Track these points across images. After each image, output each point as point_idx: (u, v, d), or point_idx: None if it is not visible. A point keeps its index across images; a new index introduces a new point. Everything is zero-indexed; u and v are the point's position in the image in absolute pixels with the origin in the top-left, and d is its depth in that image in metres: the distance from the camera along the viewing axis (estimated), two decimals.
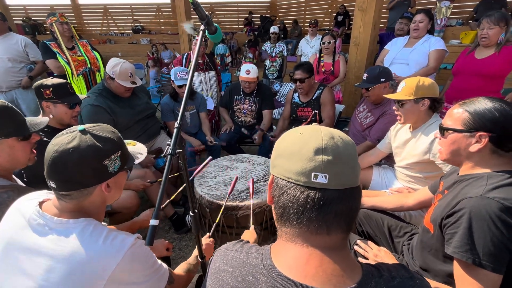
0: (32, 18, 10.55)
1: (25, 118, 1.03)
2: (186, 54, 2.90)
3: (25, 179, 1.28)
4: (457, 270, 0.79)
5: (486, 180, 0.80)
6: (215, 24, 1.02)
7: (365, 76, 2.03)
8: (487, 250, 0.72)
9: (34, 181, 1.19)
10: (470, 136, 0.83)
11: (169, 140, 0.77)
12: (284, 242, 0.49)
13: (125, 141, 0.85)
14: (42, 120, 1.08)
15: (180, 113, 0.79)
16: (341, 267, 0.45)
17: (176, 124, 0.76)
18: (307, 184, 0.45)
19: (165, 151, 0.76)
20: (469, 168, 0.88)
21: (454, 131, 0.86)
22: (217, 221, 1.39)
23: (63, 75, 2.50)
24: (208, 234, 1.27)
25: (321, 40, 3.12)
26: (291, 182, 0.47)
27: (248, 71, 2.49)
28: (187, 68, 2.75)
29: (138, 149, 0.93)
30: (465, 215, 0.77)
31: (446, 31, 6.62)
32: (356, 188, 0.47)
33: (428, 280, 0.67)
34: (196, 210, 0.89)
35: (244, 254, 0.53)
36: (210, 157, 1.56)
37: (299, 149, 0.47)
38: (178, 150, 0.73)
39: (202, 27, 0.95)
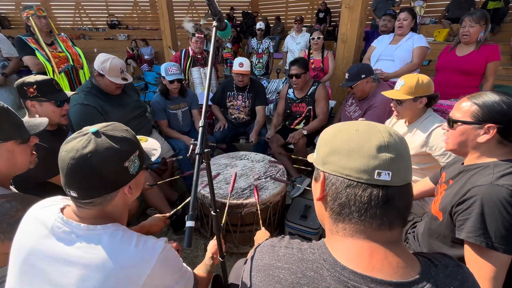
0: None
1: (22, 119, 0.95)
2: (184, 50, 2.86)
3: (12, 185, 1.18)
4: (469, 253, 0.85)
5: (493, 169, 0.86)
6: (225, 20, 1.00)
7: (347, 75, 2.15)
8: (498, 233, 0.78)
9: (23, 188, 1.10)
10: (479, 127, 0.89)
11: (192, 140, 0.76)
12: (341, 237, 0.50)
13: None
14: (41, 121, 1.00)
15: (203, 112, 0.77)
16: (403, 259, 0.46)
17: (201, 123, 0.74)
18: (370, 182, 0.45)
19: (190, 150, 0.74)
20: (474, 158, 0.94)
21: (464, 123, 0.91)
22: (223, 220, 1.38)
23: (42, 73, 2.33)
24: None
25: (311, 36, 3.17)
26: (351, 180, 0.47)
27: (241, 64, 2.47)
28: (187, 65, 2.70)
29: (151, 145, 0.89)
30: (477, 202, 0.82)
31: (420, 29, 6.95)
32: (410, 183, 0.49)
33: None
34: (218, 210, 0.88)
35: (297, 250, 0.53)
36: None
37: (359, 146, 0.47)
38: (206, 150, 0.71)
39: (214, 23, 0.94)
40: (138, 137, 0.87)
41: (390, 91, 1.55)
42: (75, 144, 0.62)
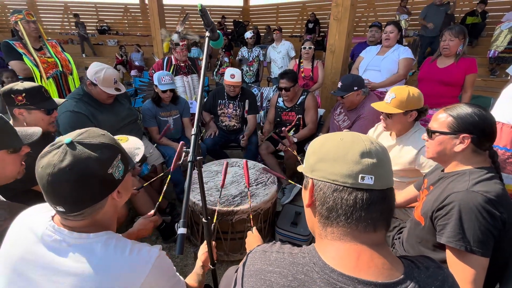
0: None
1: (16, 128, 0.94)
2: (166, 58, 2.85)
3: None
4: (450, 257, 0.89)
5: (469, 176, 0.91)
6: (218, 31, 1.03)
7: (339, 84, 2.18)
8: (476, 237, 0.83)
9: (6, 195, 1.08)
10: (454, 137, 0.95)
11: (185, 147, 0.77)
12: (330, 241, 0.52)
13: (115, 137, 0.75)
14: (35, 131, 0.99)
15: (195, 120, 0.79)
16: (388, 260, 0.49)
17: (193, 131, 0.76)
18: (355, 186, 0.49)
19: (182, 158, 0.76)
20: (453, 166, 1.00)
21: (441, 133, 0.97)
22: (214, 221, 1.37)
23: (30, 78, 2.29)
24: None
25: (302, 45, 3.25)
26: (338, 185, 0.50)
27: (232, 75, 2.51)
28: (169, 72, 2.71)
29: (133, 144, 0.85)
30: (455, 208, 0.86)
31: (404, 41, 7.26)
32: (392, 188, 0.52)
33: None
34: (209, 217, 0.89)
35: (288, 254, 0.55)
36: (182, 142, 1.46)
37: (344, 153, 0.51)
38: (198, 157, 0.73)
39: (207, 34, 0.97)
40: (118, 137, 0.82)
41: (380, 103, 1.51)
42: (51, 159, 0.59)
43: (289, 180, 1.68)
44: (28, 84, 1.37)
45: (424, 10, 5.95)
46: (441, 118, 0.99)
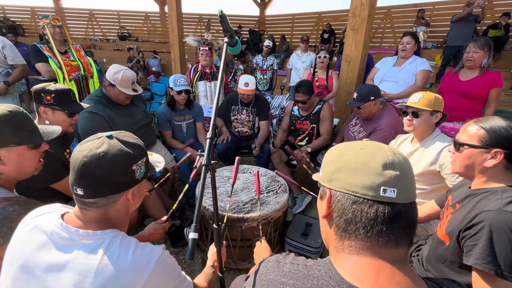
0: (10, 19, 10.09)
1: (37, 125, 0.97)
2: (194, 66, 2.94)
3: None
4: (477, 281, 0.82)
5: (501, 194, 0.85)
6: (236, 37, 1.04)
7: (355, 95, 2.14)
8: (508, 261, 0.76)
9: (24, 193, 1.09)
10: (485, 152, 0.88)
11: (199, 151, 0.76)
12: (347, 255, 0.49)
13: None
14: (55, 129, 1.02)
15: (211, 124, 0.78)
16: (411, 279, 0.45)
17: (208, 135, 0.75)
18: (376, 199, 0.46)
19: (196, 161, 0.75)
20: (482, 183, 0.93)
21: (471, 146, 0.91)
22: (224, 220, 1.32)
23: (54, 80, 2.39)
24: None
25: (317, 55, 3.25)
26: (357, 196, 0.47)
27: (246, 84, 2.52)
28: (194, 79, 2.78)
29: (156, 158, 0.93)
30: (485, 228, 0.80)
31: (423, 53, 7.13)
32: (415, 202, 0.49)
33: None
34: (220, 223, 0.87)
35: (302, 266, 0.52)
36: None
37: (364, 163, 0.48)
38: (213, 161, 0.72)
39: (226, 39, 0.97)
40: None
41: (411, 103, 1.51)
42: (90, 145, 0.66)
43: (302, 188, 1.61)
44: (59, 86, 1.42)
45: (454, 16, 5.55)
46: (471, 130, 0.93)
